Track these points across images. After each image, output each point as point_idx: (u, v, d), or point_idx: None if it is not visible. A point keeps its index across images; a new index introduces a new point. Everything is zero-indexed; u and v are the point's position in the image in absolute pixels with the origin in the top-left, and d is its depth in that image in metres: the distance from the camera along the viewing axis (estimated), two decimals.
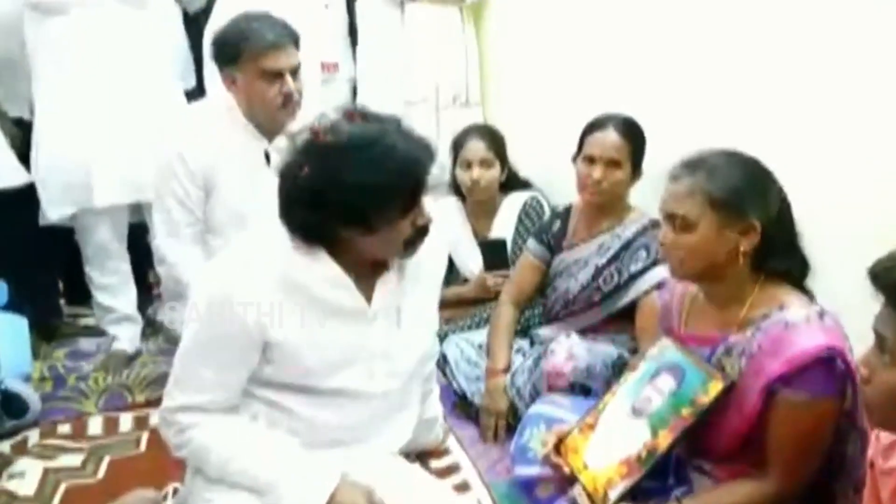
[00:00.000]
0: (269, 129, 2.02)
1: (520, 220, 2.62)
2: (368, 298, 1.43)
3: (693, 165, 1.44)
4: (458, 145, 2.67)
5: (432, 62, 3.20)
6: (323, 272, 1.38)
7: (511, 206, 2.64)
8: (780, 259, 1.42)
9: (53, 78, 2.42)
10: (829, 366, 1.32)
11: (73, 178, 2.44)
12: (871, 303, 0.98)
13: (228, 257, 1.45)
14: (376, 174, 1.28)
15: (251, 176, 1.98)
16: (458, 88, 3.26)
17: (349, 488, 1.36)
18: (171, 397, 1.45)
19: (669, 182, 1.47)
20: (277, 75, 1.93)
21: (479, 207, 2.67)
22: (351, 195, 1.29)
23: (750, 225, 1.40)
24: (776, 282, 1.43)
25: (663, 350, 1.54)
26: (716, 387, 1.41)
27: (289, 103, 1.96)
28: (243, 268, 1.39)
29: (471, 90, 3.29)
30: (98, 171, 2.43)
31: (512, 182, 2.70)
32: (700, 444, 1.47)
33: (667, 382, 1.49)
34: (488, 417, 2.10)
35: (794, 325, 1.35)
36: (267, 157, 2.02)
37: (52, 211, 2.50)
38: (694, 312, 1.55)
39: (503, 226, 2.63)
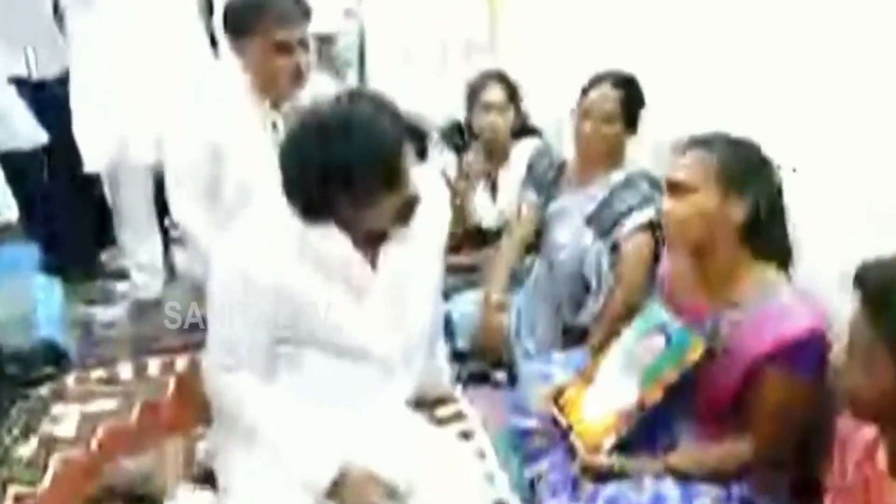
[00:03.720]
0: (276, 100, 2.06)
1: (529, 167, 2.68)
2: (374, 265, 1.54)
3: (699, 141, 1.53)
4: (475, 90, 2.71)
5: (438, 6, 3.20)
6: (331, 241, 1.48)
7: (521, 153, 2.70)
8: (770, 240, 1.50)
9: (87, 31, 2.50)
10: (811, 347, 1.41)
11: (108, 133, 2.54)
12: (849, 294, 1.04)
13: (244, 228, 1.55)
14: (351, 154, 1.38)
15: (259, 145, 2.03)
16: (465, 34, 3.27)
17: (356, 470, 1.49)
18: (208, 356, 1.59)
19: (674, 153, 1.55)
20: (289, 48, 1.97)
21: (490, 152, 2.73)
22: (330, 174, 1.40)
23: (741, 201, 1.47)
24: (764, 265, 1.51)
25: (653, 311, 1.65)
26: (699, 347, 1.51)
27: (298, 76, 2.00)
28: (259, 238, 1.50)
29: (478, 37, 3.29)
30: (132, 129, 2.54)
31: (523, 129, 2.75)
32: (689, 404, 1.58)
33: (657, 342, 1.59)
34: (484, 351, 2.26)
35: (780, 308, 1.44)
36: (274, 126, 2.07)
37: (90, 161, 2.61)
38: (686, 286, 1.63)
39: (513, 171, 2.69)
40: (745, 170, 1.48)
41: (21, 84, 2.58)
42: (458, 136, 2.74)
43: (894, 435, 1.07)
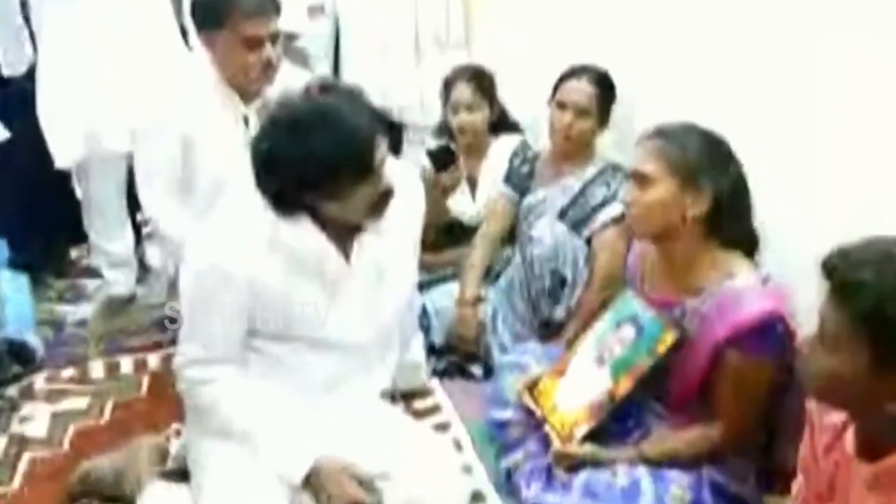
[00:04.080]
0: (246, 94, 2.03)
1: (510, 162, 2.68)
2: (348, 258, 1.53)
3: (662, 132, 1.55)
4: (446, 88, 2.71)
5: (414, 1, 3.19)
6: (304, 234, 1.48)
7: (500, 150, 2.70)
8: (729, 230, 1.53)
9: (57, 24, 2.45)
10: (770, 330, 1.45)
11: (78, 125, 2.49)
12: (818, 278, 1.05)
13: (217, 222, 1.54)
14: (324, 147, 1.37)
15: (230, 139, 2.00)
16: (440, 29, 3.26)
17: (331, 462, 1.48)
18: (180, 352, 1.57)
19: (638, 144, 1.58)
20: (258, 42, 1.95)
21: (468, 149, 2.73)
22: (303, 166, 1.39)
23: (700, 193, 1.51)
24: (728, 251, 1.54)
25: (625, 302, 1.67)
26: (669, 337, 1.54)
27: (267, 70, 1.98)
28: (232, 232, 1.49)
29: (453, 31, 3.29)
30: (104, 121, 2.48)
31: (502, 123, 2.74)
32: (660, 392, 1.61)
33: (628, 333, 1.62)
34: (459, 345, 2.28)
35: (739, 292, 1.48)
36: (245, 121, 2.05)
37: (60, 157, 2.55)
38: (655, 276, 1.66)
39: (492, 167, 2.67)
40: (703, 162, 1.51)
41: None
42: (445, 157, 2.72)
43: (862, 420, 1.08)
